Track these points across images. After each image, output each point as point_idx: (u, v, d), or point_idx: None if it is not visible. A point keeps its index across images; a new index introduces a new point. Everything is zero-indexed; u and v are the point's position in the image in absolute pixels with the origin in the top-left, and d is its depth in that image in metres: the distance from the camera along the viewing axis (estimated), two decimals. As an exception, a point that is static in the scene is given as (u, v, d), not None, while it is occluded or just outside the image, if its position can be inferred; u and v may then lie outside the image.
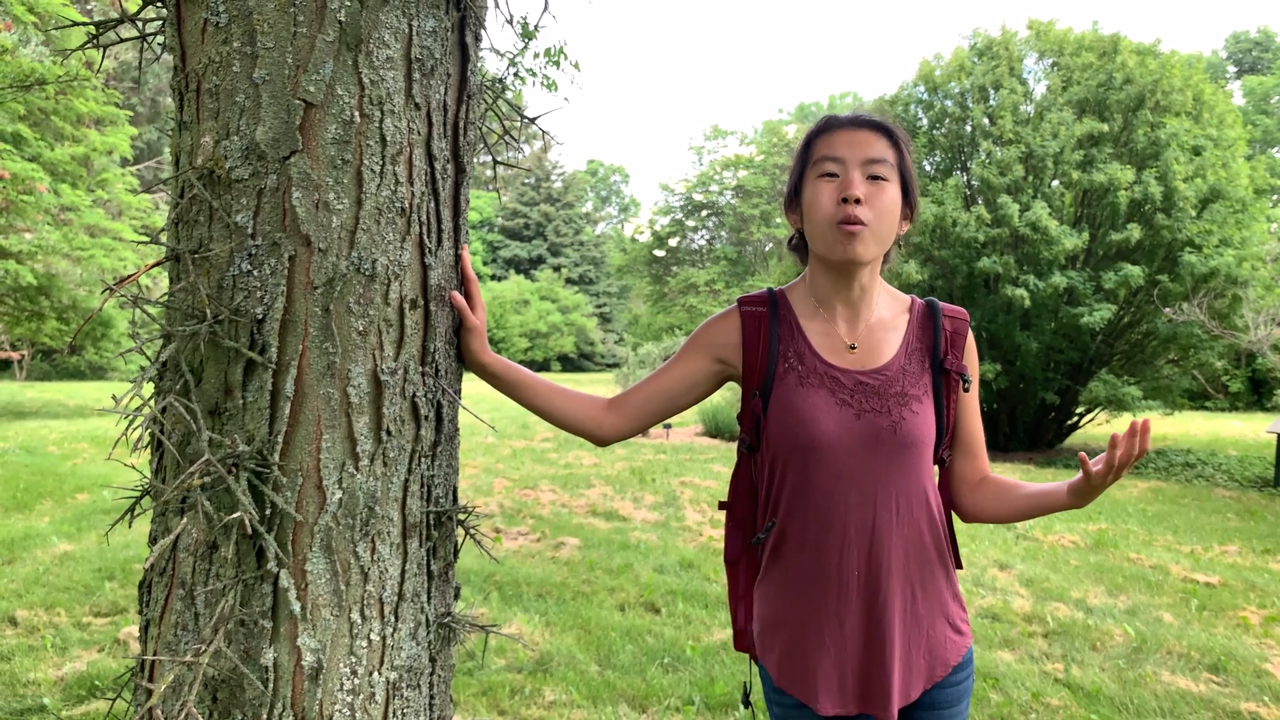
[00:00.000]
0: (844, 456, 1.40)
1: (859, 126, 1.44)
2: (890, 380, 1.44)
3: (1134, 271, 11.81)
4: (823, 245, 1.43)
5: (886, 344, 1.48)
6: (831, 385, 1.43)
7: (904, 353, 1.47)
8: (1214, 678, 3.86)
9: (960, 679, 1.50)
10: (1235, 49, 45.48)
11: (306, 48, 1.24)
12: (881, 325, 1.49)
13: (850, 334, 1.48)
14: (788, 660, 1.46)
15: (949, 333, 1.50)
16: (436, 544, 1.43)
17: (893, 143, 1.44)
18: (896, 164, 1.44)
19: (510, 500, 7.73)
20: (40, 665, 3.57)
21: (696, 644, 4.05)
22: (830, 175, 1.42)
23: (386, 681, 1.32)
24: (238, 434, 1.23)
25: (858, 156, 1.41)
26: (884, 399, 1.42)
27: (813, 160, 1.45)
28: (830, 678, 1.42)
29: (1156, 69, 12.73)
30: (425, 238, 1.36)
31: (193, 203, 1.27)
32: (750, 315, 1.52)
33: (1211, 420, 20.69)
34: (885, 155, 1.42)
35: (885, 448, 1.40)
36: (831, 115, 1.49)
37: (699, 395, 1.57)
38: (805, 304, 1.51)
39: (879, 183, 1.41)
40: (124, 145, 16.21)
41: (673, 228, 44.30)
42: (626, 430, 1.57)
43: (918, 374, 1.46)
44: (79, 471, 8.59)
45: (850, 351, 1.46)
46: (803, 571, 1.44)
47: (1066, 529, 7.26)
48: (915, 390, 1.44)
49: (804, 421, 1.41)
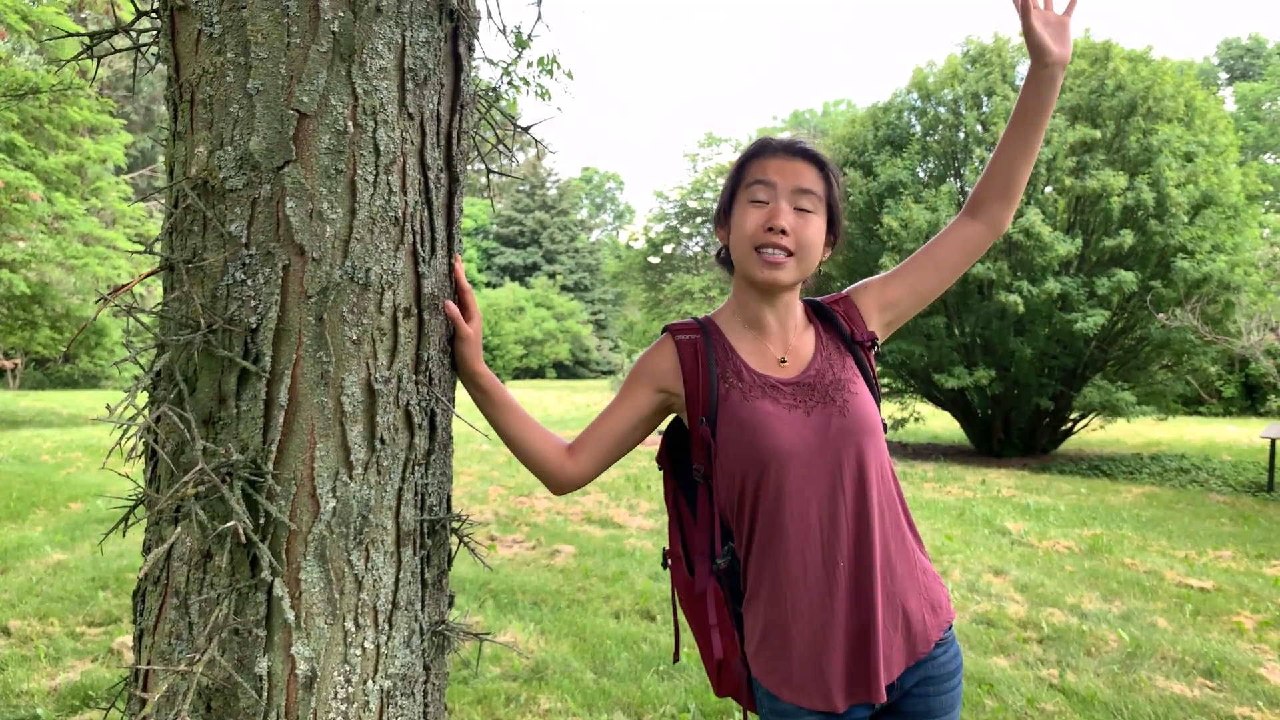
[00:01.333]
0: (807, 455, 1.42)
1: (792, 155, 1.50)
2: (822, 373, 1.50)
3: (1127, 277, 11.84)
4: (745, 266, 1.50)
5: (806, 347, 1.55)
6: (774, 394, 1.48)
7: (821, 348, 1.54)
8: (1208, 683, 3.87)
9: (951, 685, 1.50)
10: (1227, 55, 45.70)
11: (300, 58, 1.24)
12: (799, 333, 1.57)
13: (780, 348, 1.54)
14: (791, 673, 1.43)
15: (842, 313, 1.59)
16: (430, 552, 1.43)
17: (823, 174, 1.50)
18: (824, 196, 1.50)
19: (505, 508, 7.72)
20: (34, 675, 3.55)
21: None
22: (759, 202, 1.48)
23: (380, 690, 1.32)
24: (232, 443, 1.23)
25: (788, 185, 1.47)
26: (823, 390, 1.48)
27: (745, 182, 1.51)
28: (839, 674, 1.42)
29: (1148, 76, 12.79)
30: (419, 247, 1.36)
31: (187, 212, 1.27)
32: (686, 343, 1.55)
33: (1205, 425, 20.74)
34: (814, 186, 1.49)
35: (841, 433, 1.44)
36: (767, 139, 1.55)
37: (646, 430, 1.59)
38: (733, 325, 1.57)
39: (804, 215, 1.48)
40: (118, 154, 16.19)
41: (667, 234, 44.30)
42: (585, 477, 1.57)
43: (839, 359, 1.53)
44: (73, 481, 8.55)
45: (781, 365, 1.52)
46: (792, 577, 1.43)
47: (1061, 535, 7.27)
48: (845, 374, 1.51)
49: (760, 432, 1.44)
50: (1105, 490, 10.56)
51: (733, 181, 1.55)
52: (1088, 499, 9.74)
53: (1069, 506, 9.02)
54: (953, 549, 6.42)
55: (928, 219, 12.57)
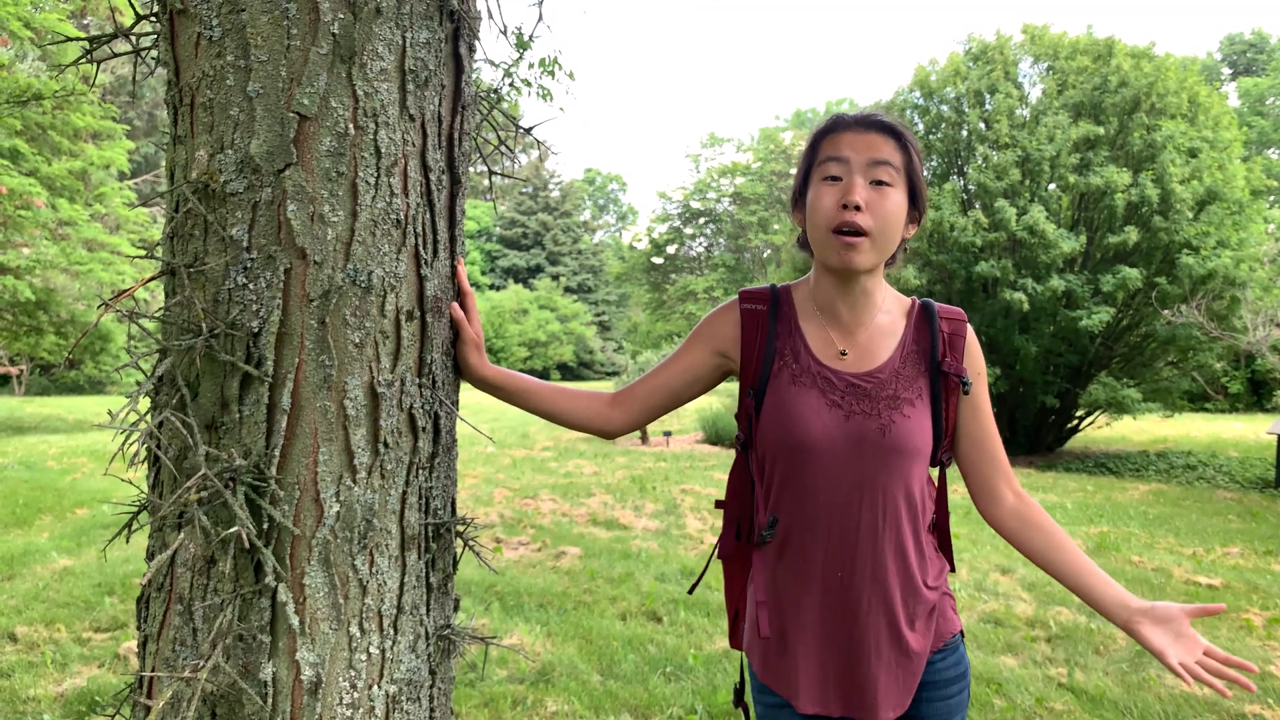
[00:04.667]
0: (832, 458, 1.39)
1: (866, 128, 1.40)
2: (882, 383, 1.42)
3: (1132, 274, 11.82)
4: (820, 251, 1.41)
5: (882, 347, 1.45)
6: (824, 386, 1.42)
7: (899, 356, 1.45)
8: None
9: (952, 692, 1.47)
10: (1230, 51, 45.60)
11: (300, 60, 1.24)
12: (880, 329, 1.47)
13: (846, 338, 1.46)
14: (770, 656, 1.48)
15: (946, 334, 1.46)
16: (435, 556, 1.42)
17: (900, 145, 1.40)
18: (903, 167, 1.40)
19: (510, 510, 7.72)
20: (40, 681, 3.55)
21: (699, 652, 4.03)
22: (833, 178, 1.38)
23: (386, 695, 1.32)
24: (234, 448, 1.22)
25: (862, 158, 1.37)
26: (875, 402, 1.41)
27: (818, 160, 1.42)
28: (812, 677, 1.43)
29: (1151, 72, 12.77)
30: (421, 249, 1.35)
31: (188, 217, 1.27)
32: (750, 313, 1.51)
33: (1212, 422, 20.69)
34: (891, 158, 1.38)
35: (874, 450, 1.39)
36: (839, 115, 1.45)
37: (701, 388, 1.57)
38: (806, 304, 1.50)
39: (882, 188, 1.37)
40: (121, 159, 16.22)
41: (670, 235, 44.32)
42: (633, 423, 1.59)
43: (912, 377, 1.44)
44: (78, 486, 8.57)
45: (842, 357, 1.45)
46: (788, 569, 1.45)
47: (1068, 532, 7.24)
48: (908, 394, 1.42)
49: (794, 421, 1.41)
50: (1112, 487, 10.53)
51: (806, 161, 1.46)
52: (1094, 496, 9.71)
53: (1076, 504, 9.00)
54: (960, 548, 6.40)
55: (931, 217, 12.55)
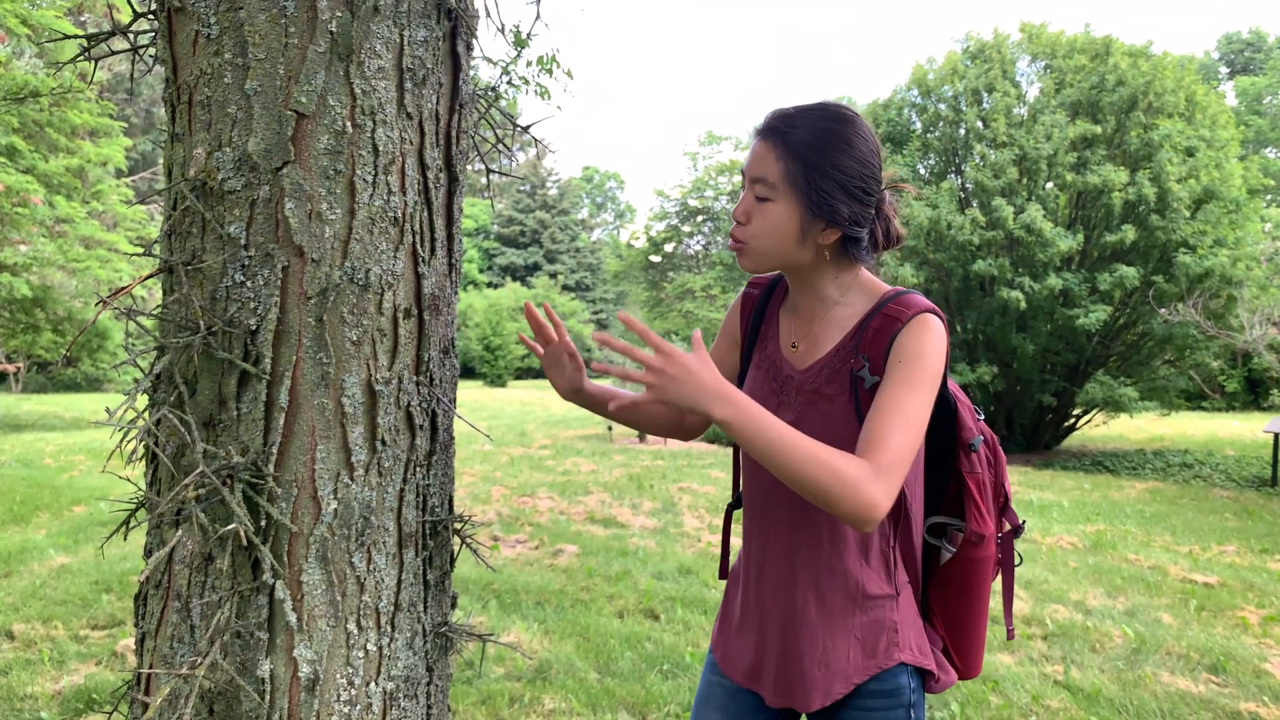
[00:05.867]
0: None
1: (761, 136, 1.40)
2: (809, 377, 1.45)
3: (1129, 273, 11.84)
4: None
5: (826, 341, 1.45)
6: (772, 373, 1.50)
7: (834, 350, 1.44)
8: (1213, 678, 3.86)
9: (874, 705, 1.41)
10: (1227, 50, 45.64)
11: (298, 58, 1.24)
12: (832, 323, 1.45)
13: (802, 331, 1.50)
14: (718, 624, 1.62)
15: (873, 329, 1.38)
16: (432, 553, 1.42)
17: (786, 152, 1.35)
18: (782, 178, 1.35)
19: (508, 508, 7.72)
20: (37, 679, 3.55)
21: (696, 650, 4.04)
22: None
23: (384, 692, 1.32)
24: (232, 445, 1.23)
25: (750, 173, 1.41)
26: (798, 395, 1.45)
27: None
28: (731, 648, 1.56)
29: (1149, 71, 12.78)
30: (419, 247, 1.36)
31: (185, 214, 1.27)
32: (748, 296, 1.63)
33: (1208, 420, 20.72)
34: (764, 173, 1.37)
35: None
36: (768, 114, 1.43)
37: (736, 378, 1.64)
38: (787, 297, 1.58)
39: (762, 204, 1.38)
40: (118, 157, 16.20)
41: (668, 233, 44.29)
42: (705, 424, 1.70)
43: (837, 372, 1.42)
44: (75, 484, 8.56)
45: (793, 349, 1.50)
46: (744, 545, 1.57)
47: (1065, 530, 7.26)
48: (830, 389, 1.41)
49: None
50: (1108, 486, 10.55)
51: None
52: (1091, 495, 9.73)
53: (1072, 502, 9.01)
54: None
55: (929, 216, 12.55)
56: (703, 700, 1.59)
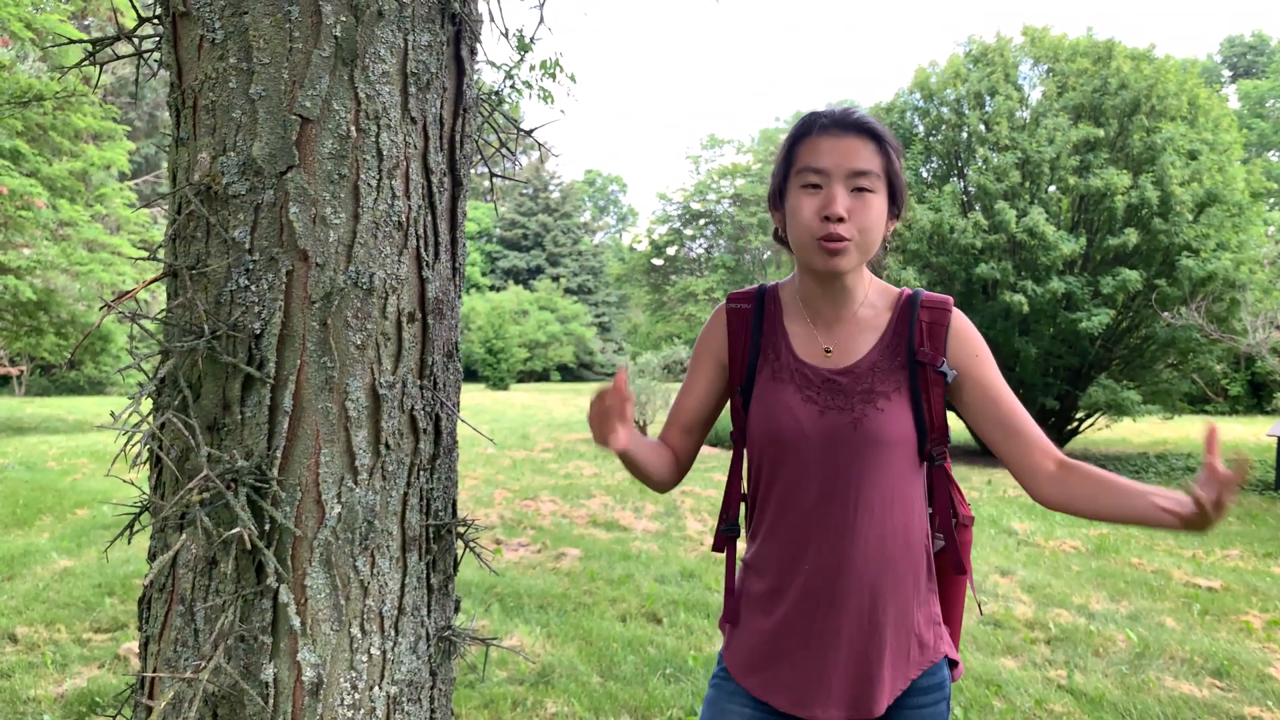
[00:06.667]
0: (808, 452, 1.40)
1: (844, 131, 1.37)
2: (858, 377, 1.42)
3: (1132, 276, 11.82)
4: (803, 255, 1.41)
5: (862, 342, 1.45)
6: (800, 382, 1.44)
7: (878, 350, 1.44)
8: (1217, 683, 3.85)
9: (926, 701, 1.44)
10: (1230, 53, 45.63)
11: (302, 63, 1.24)
12: (862, 324, 1.47)
13: (828, 336, 1.47)
14: (736, 637, 1.51)
15: (925, 324, 1.44)
16: (436, 557, 1.42)
17: (879, 148, 1.37)
18: (883, 170, 1.37)
19: (511, 511, 7.72)
20: (40, 682, 3.55)
21: (699, 654, 4.03)
22: (813, 186, 1.36)
23: (387, 696, 1.32)
24: (236, 449, 1.23)
25: (842, 169, 1.35)
26: (849, 396, 1.41)
27: (795, 167, 1.40)
28: (777, 673, 1.44)
29: (1151, 74, 12.77)
30: (422, 251, 1.36)
31: (190, 218, 1.27)
32: (735, 313, 1.54)
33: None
34: (870, 165, 1.35)
35: (847, 445, 1.39)
36: (816, 116, 1.40)
37: (722, 402, 1.59)
38: (791, 302, 1.52)
39: (863, 195, 1.35)
40: (122, 160, 16.22)
41: (670, 237, 44.38)
42: (686, 460, 1.60)
43: (890, 370, 1.42)
44: (79, 487, 8.57)
45: (825, 354, 1.46)
46: (767, 558, 1.47)
47: (1068, 534, 7.25)
48: (884, 387, 1.41)
49: (772, 417, 1.44)
50: (1111, 490, 10.52)
51: (783, 165, 1.44)
52: (1094, 499, 9.70)
53: (1075, 506, 8.99)
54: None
55: (931, 219, 12.55)
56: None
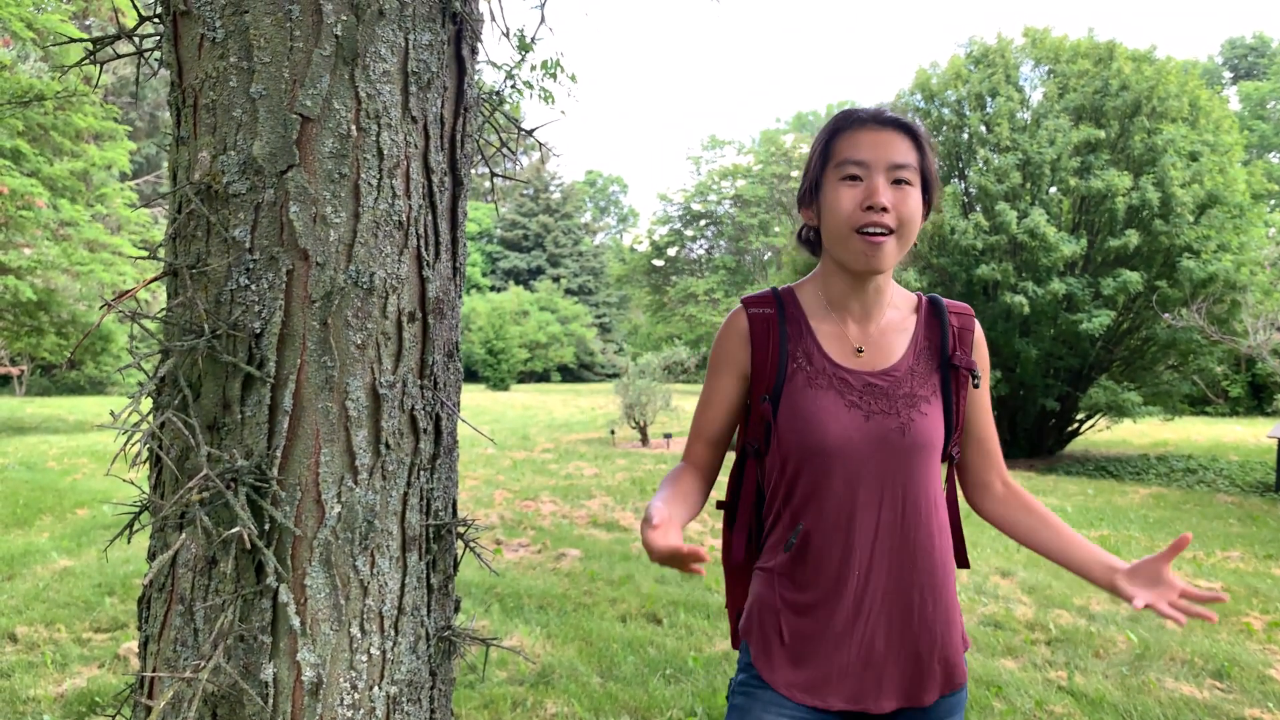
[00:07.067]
0: (854, 459, 1.38)
1: (882, 126, 1.39)
2: (899, 381, 1.42)
3: (1132, 277, 11.82)
4: (842, 250, 1.40)
5: (896, 345, 1.45)
6: (840, 387, 1.41)
7: (913, 353, 1.45)
8: (1218, 684, 3.85)
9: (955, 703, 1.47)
10: (1231, 55, 45.64)
11: (303, 62, 1.24)
12: (891, 326, 1.47)
13: (860, 336, 1.46)
14: (773, 646, 1.45)
15: (956, 329, 1.48)
16: (436, 557, 1.42)
17: (915, 143, 1.40)
18: (919, 166, 1.39)
19: (511, 512, 7.72)
20: (40, 682, 3.55)
21: (699, 654, 4.03)
22: (853, 178, 1.37)
23: (387, 696, 1.32)
24: (236, 449, 1.23)
25: (882, 161, 1.36)
26: (892, 400, 1.40)
27: (834, 160, 1.40)
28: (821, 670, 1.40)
29: (1152, 75, 12.78)
30: (423, 250, 1.36)
31: (190, 218, 1.27)
32: (757, 317, 1.49)
33: (1212, 425, 20.68)
34: (908, 159, 1.38)
35: (895, 450, 1.38)
36: (852, 111, 1.43)
37: (744, 410, 1.54)
38: (816, 303, 1.49)
39: (903, 188, 1.37)
40: (123, 160, 16.23)
41: (671, 237, 44.38)
42: (715, 480, 1.57)
43: (926, 374, 1.44)
44: (79, 487, 8.57)
45: (858, 355, 1.44)
46: (806, 566, 1.42)
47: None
48: (924, 390, 1.42)
49: (813, 425, 1.39)
50: (1112, 491, 10.53)
51: (819, 160, 1.44)
52: (1095, 500, 9.71)
53: (1076, 507, 8.99)
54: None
55: (932, 220, 12.55)
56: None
